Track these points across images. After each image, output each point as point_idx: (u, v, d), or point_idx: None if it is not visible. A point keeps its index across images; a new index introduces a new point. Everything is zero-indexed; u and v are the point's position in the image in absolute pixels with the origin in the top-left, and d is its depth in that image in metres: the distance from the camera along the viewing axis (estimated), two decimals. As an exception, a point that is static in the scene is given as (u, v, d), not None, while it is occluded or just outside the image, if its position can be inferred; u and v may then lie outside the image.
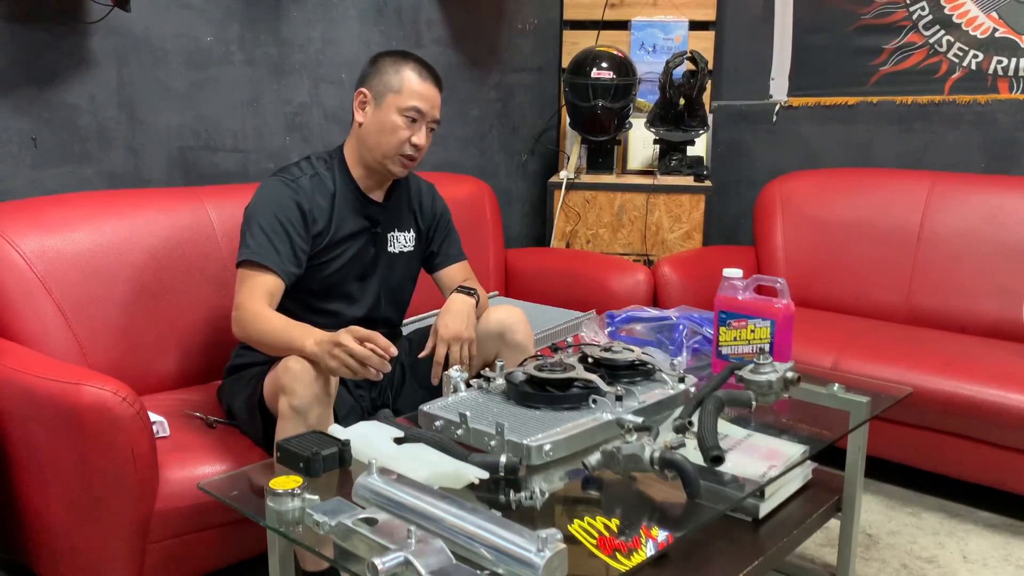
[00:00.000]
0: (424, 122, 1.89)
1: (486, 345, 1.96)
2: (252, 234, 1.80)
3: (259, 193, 1.86)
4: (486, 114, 3.31)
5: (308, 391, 1.60)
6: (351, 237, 1.92)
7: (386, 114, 1.87)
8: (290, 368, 1.62)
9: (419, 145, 1.89)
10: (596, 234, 3.11)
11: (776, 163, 3.37)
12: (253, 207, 1.84)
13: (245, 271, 1.78)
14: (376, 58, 1.92)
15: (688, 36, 3.36)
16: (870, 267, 2.86)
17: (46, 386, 1.57)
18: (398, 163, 1.90)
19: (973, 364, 2.29)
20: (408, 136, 1.87)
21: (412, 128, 1.87)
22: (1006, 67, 2.91)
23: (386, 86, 1.87)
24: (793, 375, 1.65)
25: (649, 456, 1.32)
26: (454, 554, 1.08)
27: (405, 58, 1.90)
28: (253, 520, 1.32)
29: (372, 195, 1.96)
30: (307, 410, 1.60)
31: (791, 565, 2.02)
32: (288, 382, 1.61)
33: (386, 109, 1.87)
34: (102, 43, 2.18)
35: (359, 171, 1.94)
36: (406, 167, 1.92)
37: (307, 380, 1.60)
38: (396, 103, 1.86)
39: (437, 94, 1.91)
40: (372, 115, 1.89)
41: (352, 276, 1.94)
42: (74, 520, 1.60)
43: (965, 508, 2.34)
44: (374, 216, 1.96)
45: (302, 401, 1.60)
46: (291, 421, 1.61)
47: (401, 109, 1.86)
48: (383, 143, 1.88)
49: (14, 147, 2.07)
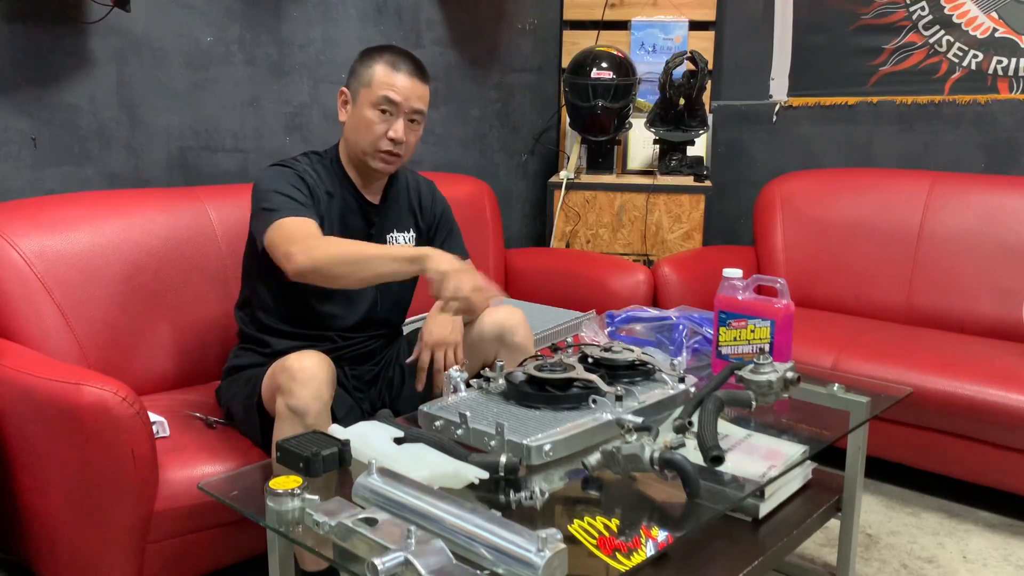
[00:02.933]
0: (400, 114, 1.84)
1: (486, 346, 1.96)
2: (272, 201, 1.76)
3: (262, 176, 1.84)
4: (486, 114, 3.31)
5: (306, 391, 1.59)
6: (349, 236, 1.89)
7: (360, 110, 1.85)
8: (287, 368, 1.61)
9: (397, 139, 1.84)
10: (596, 234, 3.11)
11: (776, 163, 3.37)
12: (261, 188, 1.81)
13: (285, 220, 1.73)
14: (358, 57, 1.90)
15: (688, 36, 3.36)
16: (870, 267, 2.86)
17: (46, 386, 1.56)
18: (378, 159, 1.87)
19: (973, 364, 2.29)
20: (384, 130, 1.84)
21: (388, 121, 1.84)
22: (1006, 67, 2.91)
23: (359, 81, 1.85)
24: (793, 375, 1.65)
25: (649, 456, 1.32)
26: (454, 554, 1.08)
27: (380, 51, 1.87)
28: (253, 520, 1.32)
29: (368, 195, 1.95)
30: (305, 411, 1.59)
31: (791, 565, 2.02)
32: (285, 382, 1.60)
33: (360, 105, 1.85)
34: (102, 43, 2.18)
35: (352, 171, 1.93)
36: (388, 163, 1.88)
37: (304, 380, 1.59)
38: (368, 97, 1.83)
39: (416, 86, 1.85)
40: (351, 113, 1.88)
41: None
42: (74, 520, 1.60)
43: (965, 508, 2.34)
44: (372, 217, 1.95)
45: (299, 402, 1.59)
46: (289, 422, 1.60)
47: (373, 103, 1.83)
48: (360, 140, 1.86)
49: (14, 147, 2.07)
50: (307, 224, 1.74)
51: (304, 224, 1.74)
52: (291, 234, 1.71)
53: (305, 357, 1.63)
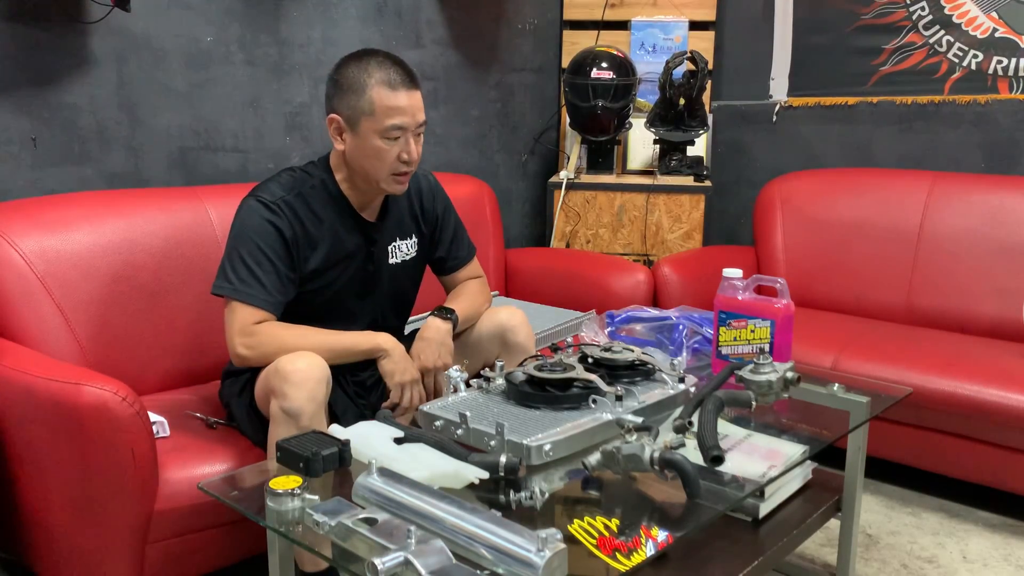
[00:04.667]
0: (409, 133, 1.74)
1: (487, 345, 1.96)
2: (234, 267, 1.72)
3: (240, 217, 1.76)
4: (486, 114, 3.31)
5: (299, 393, 1.57)
6: (347, 258, 1.85)
7: (366, 140, 1.73)
8: (279, 370, 1.59)
9: (411, 160, 1.76)
10: (596, 234, 3.11)
11: (776, 163, 3.37)
12: (235, 234, 1.75)
13: (235, 305, 1.71)
14: (337, 72, 1.75)
15: (688, 36, 3.36)
16: (870, 267, 2.86)
17: (46, 386, 1.57)
18: (393, 183, 1.78)
19: (973, 364, 2.29)
20: (397, 153, 1.74)
21: (398, 144, 1.74)
22: (1006, 67, 2.91)
23: (355, 109, 1.71)
24: (793, 375, 1.65)
25: (649, 456, 1.32)
26: (454, 554, 1.08)
27: (367, 67, 1.71)
28: (253, 520, 1.32)
29: (365, 212, 1.87)
30: (299, 413, 1.57)
31: (791, 565, 2.02)
32: (278, 384, 1.59)
33: (364, 135, 1.73)
34: (102, 43, 2.18)
35: (350, 190, 1.83)
36: (402, 183, 1.80)
37: (298, 381, 1.58)
38: (373, 127, 1.71)
39: (415, 97, 1.74)
40: (352, 142, 1.75)
41: (351, 294, 1.89)
42: (74, 520, 1.60)
43: (965, 508, 2.34)
44: (371, 234, 1.88)
45: (293, 404, 1.57)
46: (283, 424, 1.59)
47: (380, 131, 1.71)
48: (372, 169, 1.76)
49: (14, 147, 2.07)
50: (255, 317, 1.71)
51: (252, 315, 1.71)
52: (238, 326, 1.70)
53: (298, 359, 1.61)
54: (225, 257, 1.76)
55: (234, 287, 1.72)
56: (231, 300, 1.72)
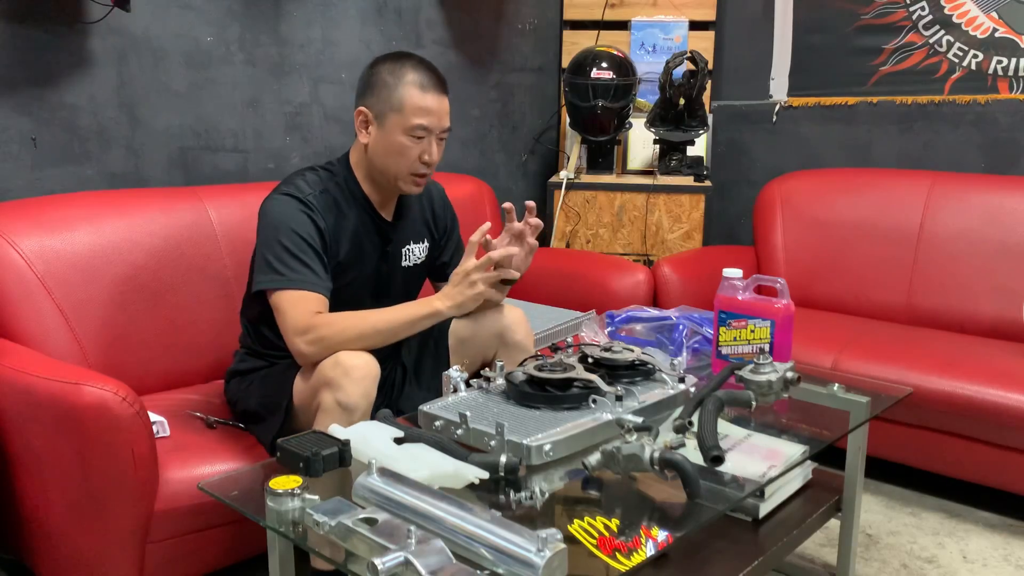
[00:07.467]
0: (433, 136, 1.78)
1: (486, 345, 1.96)
2: (280, 258, 1.69)
3: (272, 212, 1.75)
4: (486, 114, 3.31)
5: (357, 389, 1.58)
6: (366, 256, 1.87)
7: (391, 135, 1.76)
8: (341, 363, 1.60)
9: (431, 162, 1.79)
10: (596, 234, 3.12)
11: (776, 163, 3.37)
12: (271, 228, 1.73)
13: (289, 296, 1.68)
14: (371, 69, 1.80)
15: (688, 36, 3.36)
16: (870, 267, 2.86)
17: (46, 386, 1.56)
18: (410, 182, 1.81)
19: (973, 364, 2.29)
20: (418, 154, 1.77)
21: (421, 145, 1.77)
22: (1006, 67, 2.91)
23: (386, 104, 1.75)
24: (793, 375, 1.65)
25: (649, 456, 1.32)
26: (454, 554, 1.08)
27: (402, 67, 1.76)
28: (253, 520, 1.32)
29: (384, 211, 1.89)
30: (355, 408, 1.58)
31: (791, 565, 2.02)
32: (338, 377, 1.59)
33: (390, 129, 1.76)
34: (102, 43, 2.18)
35: (369, 187, 1.85)
36: (419, 185, 1.83)
37: (358, 377, 1.59)
38: (400, 123, 1.75)
39: (443, 102, 1.79)
40: (376, 136, 1.78)
41: (367, 294, 1.89)
42: (74, 520, 1.60)
43: (965, 508, 2.34)
44: (388, 234, 1.91)
45: (350, 399, 1.58)
46: (334, 415, 1.58)
47: (406, 129, 1.75)
48: (392, 165, 1.79)
49: (14, 147, 2.07)
50: (312, 303, 1.68)
51: (309, 303, 1.68)
52: (299, 316, 1.66)
53: (356, 355, 1.62)
54: (264, 252, 1.72)
55: (286, 278, 1.69)
56: (284, 291, 1.68)
